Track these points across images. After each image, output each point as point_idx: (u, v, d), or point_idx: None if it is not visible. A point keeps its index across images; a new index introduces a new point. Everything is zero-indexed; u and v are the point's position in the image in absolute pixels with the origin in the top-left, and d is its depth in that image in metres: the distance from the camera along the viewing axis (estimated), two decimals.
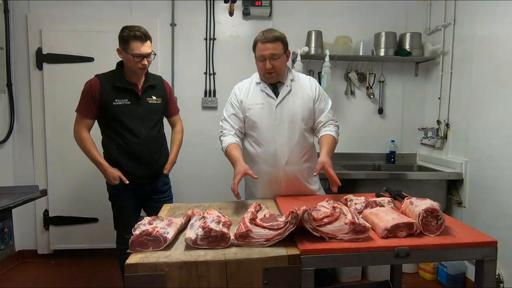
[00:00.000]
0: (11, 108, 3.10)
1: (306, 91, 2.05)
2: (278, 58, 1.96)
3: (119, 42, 2.17)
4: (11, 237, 2.13)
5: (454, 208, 2.89)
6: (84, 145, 2.22)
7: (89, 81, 2.22)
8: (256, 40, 2.00)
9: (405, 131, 3.42)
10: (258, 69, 2.04)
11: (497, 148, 2.46)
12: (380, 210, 1.52)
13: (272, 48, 1.93)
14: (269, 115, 2.01)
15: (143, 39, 2.14)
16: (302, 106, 2.02)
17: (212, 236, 1.30)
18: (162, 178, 2.39)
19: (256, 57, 2.01)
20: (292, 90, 2.04)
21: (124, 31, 2.14)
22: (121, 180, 2.21)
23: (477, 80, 2.68)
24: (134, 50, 2.12)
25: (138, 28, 2.15)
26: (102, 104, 2.18)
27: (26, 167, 3.20)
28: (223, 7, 3.16)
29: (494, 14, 2.51)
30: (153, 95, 2.29)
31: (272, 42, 1.93)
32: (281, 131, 2.00)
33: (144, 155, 2.24)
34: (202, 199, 2.14)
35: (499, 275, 2.38)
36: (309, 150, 2.08)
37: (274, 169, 2.02)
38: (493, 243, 1.35)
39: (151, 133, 2.26)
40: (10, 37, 3.04)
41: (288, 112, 2.00)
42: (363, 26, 3.27)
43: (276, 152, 2.00)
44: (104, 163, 2.21)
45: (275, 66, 1.95)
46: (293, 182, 2.04)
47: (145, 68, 2.21)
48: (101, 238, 3.22)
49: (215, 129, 3.30)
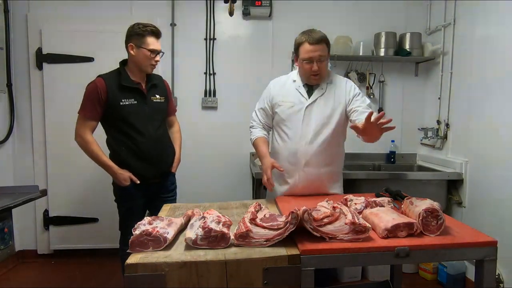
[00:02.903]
0: (11, 108, 3.10)
1: (340, 95, 2.00)
2: (325, 60, 1.93)
3: (131, 37, 2.14)
4: (11, 237, 2.13)
5: (454, 208, 2.89)
6: (90, 149, 2.16)
7: (93, 82, 2.16)
8: (302, 41, 1.92)
9: (405, 131, 3.42)
10: (303, 71, 1.98)
11: (497, 148, 2.46)
12: (380, 210, 1.52)
13: (320, 50, 1.89)
14: (297, 115, 2.00)
15: (158, 35, 2.17)
16: (332, 110, 1.98)
17: (212, 236, 1.30)
18: (169, 177, 2.40)
19: (301, 59, 1.94)
20: (326, 93, 2.00)
21: (137, 26, 2.13)
22: (132, 180, 2.19)
23: (477, 80, 2.68)
24: (150, 45, 2.13)
25: (151, 24, 2.16)
26: (109, 105, 2.13)
27: (26, 167, 3.20)
28: (223, 7, 3.16)
29: (494, 14, 2.51)
30: (157, 94, 2.28)
31: (319, 43, 1.89)
32: (306, 132, 1.98)
33: (153, 155, 2.22)
34: (202, 199, 2.14)
35: (499, 275, 2.38)
36: (334, 155, 2.05)
37: (293, 167, 2.03)
38: (493, 243, 1.35)
39: (158, 132, 2.26)
40: (10, 37, 3.04)
41: (317, 114, 1.98)
42: (363, 26, 3.28)
43: (297, 152, 2.00)
44: (113, 165, 2.17)
45: (320, 68, 1.92)
46: (311, 184, 2.04)
47: (155, 66, 2.21)
48: (101, 238, 3.22)
49: (215, 129, 3.36)
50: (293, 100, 2.02)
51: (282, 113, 2.04)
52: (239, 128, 3.32)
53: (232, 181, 3.35)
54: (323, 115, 1.98)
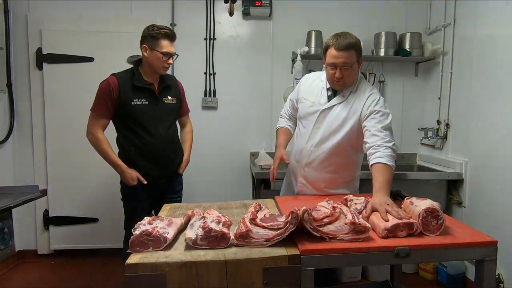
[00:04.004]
0: (11, 108, 3.10)
1: (357, 107, 1.90)
2: (350, 68, 1.83)
3: (145, 39, 2.14)
4: (11, 237, 2.13)
5: (454, 208, 2.89)
6: (100, 146, 2.18)
7: (106, 80, 2.17)
8: (329, 45, 1.84)
9: (405, 131, 3.42)
10: (327, 75, 1.92)
11: (497, 148, 2.46)
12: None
13: (345, 57, 1.80)
14: (312, 116, 1.98)
15: (173, 38, 2.17)
16: (344, 120, 1.91)
17: (212, 236, 1.30)
18: (177, 178, 2.40)
19: (326, 63, 1.88)
20: (345, 101, 1.92)
21: (152, 28, 2.13)
22: (139, 180, 2.20)
23: (477, 80, 2.68)
24: (163, 48, 2.13)
25: (167, 27, 2.16)
26: (120, 104, 2.14)
27: (26, 167, 3.20)
28: (223, 7, 3.16)
29: (494, 14, 2.51)
30: (169, 95, 2.29)
31: (346, 50, 1.79)
32: (315, 134, 1.97)
33: (162, 155, 2.23)
34: (202, 199, 2.15)
35: (499, 275, 2.38)
36: (339, 164, 1.98)
37: (297, 165, 2.05)
38: (493, 243, 1.34)
39: (168, 133, 2.26)
40: (10, 37, 3.04)
41: (329, 121, 1.93)
42: (363, 26, 3.27)
43: (302, 151, 2.01)
44: (121, 164, 2.19)
45: (345, 76, 1.84)
46: (309, 185, 2.03)
47: (168, 68, 2.22)
48: (101, 238, 3.22)
49: (215, 129, 3.36)
50: (314, 100, 2.00)
51: (301, 110, 2.05)
52: (239, 128, 3.33)
53: (232, 181, 3.35)
54: (335, 122, 1.92)
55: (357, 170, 2.11)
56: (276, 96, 3.29)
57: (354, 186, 2.10)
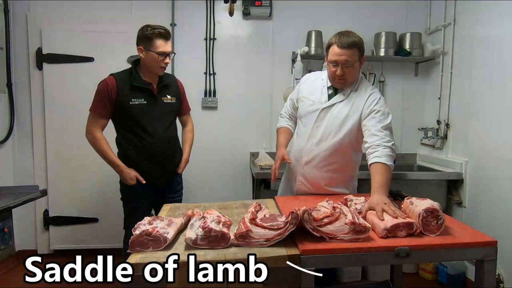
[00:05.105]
0: (11, 108, 3.10)
1: (358, 106, 1.90)
2: (352, 66, 1.85)
3: (140, 40, 2.14)
4: (11, 237, 2.13)
5: (454, 208, 2.89)
6: (99, 146, 2.18)
7: (104, 80, 2.17)
8: (331, 43, 1.85)
9: (405, 131, 3.42)
10: (328, 73, 1.94)
11: (497, 148, 2.46)
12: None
13: (347, 55, 1.81)
14: (312, 114, 1.98)
15: (167, 37, 2.15)
16: (345, 119, 1.91)
17: (212, 236, 1.30)
18: (176, 178, 2.40)
19: (328, 60, 1.88)
20: (346, 100, 1.93)
21: (146, 29, 2.13)
22: (138, 180, 2.20)
23: (477, 80, 2.68)
24: (158, 48, 2.12)
25: (161, 26, 2.15)
26: (119, 103, 2.15)
27: (26, 167, 3.20)
28: (223, 7, 3.15)
29: (494, 14, 2.51)
30: (168, 95, 2.29)
31: (348, 48, 1.80)
32: (315, 133, 1.97)
33: (161, 155, 2.23)
34: (202, 199, 2.15)
35: (499, 275, 2.38)
36: (338, 163, 1.98)
37: (297, 163, 2.04)
38: (493, 243, 1.34)
39: (167, 133, 2.26)
40: (10, 37, 3.04)
41: (329, 119, 1.94)
42: (363, 26, 3.25)
43: (302, 149, 2.01)
44: (120, 164, 2.19)
45: (346, 74, 1.85)
46: (308, 184, 2.03)
47: (165, 67, 2.21)
48: (101, 238, 3.22)
49: (215, 129, 3.35)
50: (314, 99, 2.00)
51: (301, 109, 2.05)
52: (239, 128, 3.33)
53: (232, 181, 3.35)
54: (335, 121, 1.93)
55: (356, 169, 2.11)
56: (276, 96, 3.29)
57: (352, 186, 2.11)
